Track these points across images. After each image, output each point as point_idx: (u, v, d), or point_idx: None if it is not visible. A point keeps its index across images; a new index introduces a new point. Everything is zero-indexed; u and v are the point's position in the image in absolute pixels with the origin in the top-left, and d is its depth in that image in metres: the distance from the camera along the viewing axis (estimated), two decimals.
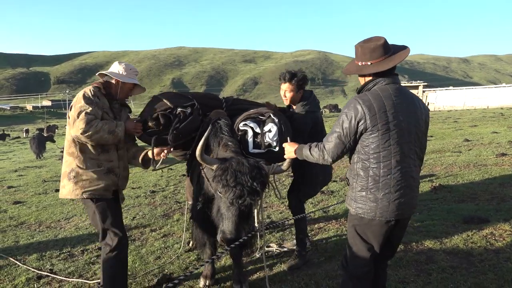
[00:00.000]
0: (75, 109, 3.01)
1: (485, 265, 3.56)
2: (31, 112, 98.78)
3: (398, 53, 2.46)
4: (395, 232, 2.59)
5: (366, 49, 2.46)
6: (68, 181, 3.10)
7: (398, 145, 2.36)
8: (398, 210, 2.41)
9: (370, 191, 2.42)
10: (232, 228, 2.75)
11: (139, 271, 4.02)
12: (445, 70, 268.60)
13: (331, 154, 2.49)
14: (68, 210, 7.00)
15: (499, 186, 6.16)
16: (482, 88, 56.44)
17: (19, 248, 5.02)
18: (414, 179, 2.46)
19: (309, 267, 3.84)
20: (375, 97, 2.36)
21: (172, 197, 7.37)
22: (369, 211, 2.44)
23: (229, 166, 2.81)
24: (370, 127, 2.34)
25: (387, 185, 2.38)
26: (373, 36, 2.52)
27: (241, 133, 3.44)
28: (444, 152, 10.16)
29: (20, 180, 11.30)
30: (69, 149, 3.12)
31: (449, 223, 4.69)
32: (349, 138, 2.42)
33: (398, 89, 2.43)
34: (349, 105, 2.43)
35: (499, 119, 19.79)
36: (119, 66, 3.34)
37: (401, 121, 2.36)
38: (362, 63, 2.50)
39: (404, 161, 2.39)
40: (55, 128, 41.48)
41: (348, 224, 2.67)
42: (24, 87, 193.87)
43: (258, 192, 2.78)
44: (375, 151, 2.37)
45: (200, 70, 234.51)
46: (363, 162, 2.44)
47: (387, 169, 2.37)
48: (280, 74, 3.89)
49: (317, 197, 6.29)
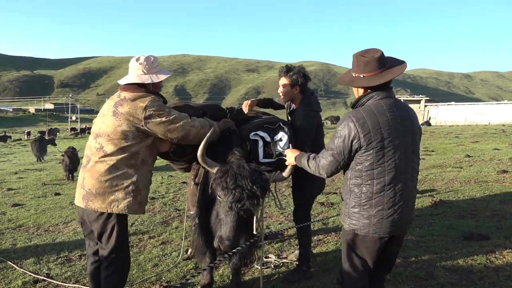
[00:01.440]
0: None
1: (485, 282, 3.53)
2: (34, 114, 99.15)
3: (393, 68, 2.43)
4: (391, 248, 2.57)
5: (361, 61, 2.44)
6: (125, 195, 2.91)
7: (393, 162, 2.35)
8: (392, 227, 2.40)
9: (363, 207, 2.42)
10: (229, 233, 2.72)
11: (136, 278, 4.00)
12: (447, 85, 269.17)
13: (326, 171, 2.52)
14: (67, 214, 6.98)
15: (500, 203, 6.13)
16: (484, 104, 56.64)
17: (17, 251, 5.00)
18: (409, 195, 2.45)
19: (307, 280, 3.81)
20: (369, 114, 2.35)
21: (172, 204, 7.35)
22: (362, 227, 2.43)
23: (230, 169, 2.81)
24: (365, 146, 2.33)
25: (380, 202, 2.37)
26: (371, 48, 2.49)
27: (252, 144, 3.44)
28: (445, 167, 10.13)
29: (20, 183, 11.29)
30: (131, 160, 2.94)
31: (449, 239, 4.66)
32: (343, 156, 2.43)
33: (393, 104, 2.41)
34: (342, 122, 2.42)
35: (501, 136, 19.76)
36: (139, 66, 3.07)
37: (396, 137, 2.35)
38: (355, 74, 2.49)
39: (398, 178, 2.37)
40: (56, 131, 41.63)
41: (342, 239, 2.66)
42: (28, 89, 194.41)
43: (257, 196, 2.75)
44: (369, 168, 2.37)
45: (203, 78, 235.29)
46: (356, 179, 2.44)
47: (380, 186, 2.36)
48: (279, 68, 3.83)
49: (316, 209, 6.27)
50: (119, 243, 2.97)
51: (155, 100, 2.97)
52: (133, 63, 3.10)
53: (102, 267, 3.02)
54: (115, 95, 3.11)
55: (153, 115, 2.92)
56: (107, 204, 2.89)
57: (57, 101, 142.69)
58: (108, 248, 2.97)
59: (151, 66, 3.10)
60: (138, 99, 2.94)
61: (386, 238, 2.46)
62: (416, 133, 2.48)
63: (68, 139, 39.45)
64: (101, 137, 2.96)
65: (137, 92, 2.99)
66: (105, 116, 3.02)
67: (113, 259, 2.98)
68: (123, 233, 3.02)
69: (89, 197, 2.91)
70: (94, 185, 2.90)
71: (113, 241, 2.95)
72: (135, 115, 2.90)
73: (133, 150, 2.95)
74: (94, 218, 2.96)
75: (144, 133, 2.98)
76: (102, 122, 3.02)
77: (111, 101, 3.08)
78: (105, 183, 2.89)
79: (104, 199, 2.89)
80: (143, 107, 2.90)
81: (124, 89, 3.06)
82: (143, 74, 3.06)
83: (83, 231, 3.22)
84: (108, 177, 2.89)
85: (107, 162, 2.91)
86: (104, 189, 2.89)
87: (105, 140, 2.94)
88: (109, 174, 2.89)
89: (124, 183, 2.92)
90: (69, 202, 8.08)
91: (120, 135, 2.91)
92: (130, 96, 2.97)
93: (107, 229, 2.95)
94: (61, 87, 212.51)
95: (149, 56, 3.13)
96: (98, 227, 2.96)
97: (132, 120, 2.91)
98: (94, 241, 3.11)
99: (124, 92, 3.03)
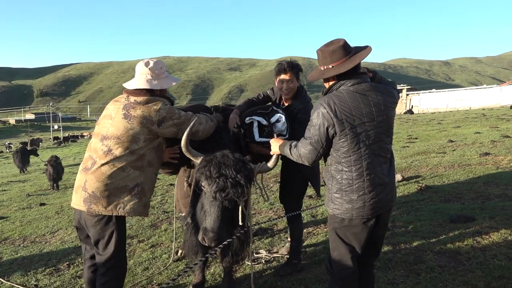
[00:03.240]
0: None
1: (473, 263, 3.60)
2: (14, 126, 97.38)
3: (359, 52, 2.47)
4: (376, 231, 2.61)
5: (326, 53, 2.47)
6: (130, 196, 2.88)
7: (368, 147, 2.39)
8: (374, 209, 2.45)
9: (344, 193, 2.46)
10: (213, 224, 2.69)
11: (127, 283, 3.94)
12: (427, 73, 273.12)
13: (307, 159, 2.55)
14: (53, 223, 6.86)
15: (484, 185, 6.25)
16: (464, 90, 57.52)
17: (3, 264, 4.90)
18: (387, 176, 2.49)
19: (299, 272, 3.82)
20: (340, 100, 2.37)
21: (160, 207, 7.29)
22: (345, 211, 2.48)
23: (213, 158, 2.81)
24: (339, 132, 2.37)
25: (361, 187, 2.42)
26: (334, 39, 2.52)
27: (246, 127, 3.46)
28: (429, 154, 10.28)
29: (3, 195, 11.07)
30: (138, 162, 2.93)
31: (436, 223, 4.72)
32: (321, 144, 2.45)
33: (365, 89, 2.43)
34: (315, 111, 2.44)
35: (481, 120, 20.15)
36: (148, 71, 3.06)
37: (368, 122, 2.38)
38: (324, 67, 2.51)
39: (374, 162, 2.42)
40: (39, 141, 40.92)
41: (329, 228, 2.69)
42: (7, 100, 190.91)
43: (241, 185, 2.73)
44: (346, 155, 2.40)
45: (185, 79, 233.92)
46: (336, 165, 2.48)
47: (359, 173, 2.40)
48: (277, 65, 3.68)
49: (305, 202, 6.29)
50: (117, 250, 2.90)
51: (165, 103, 3.03)
52: (142, 68, 3.09)
53: (99, 274, 2.94)
54: (122, 98, 3.07)
55: (166, 118, 2.97)
56: (112, 206, 2.83)
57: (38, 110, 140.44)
58: (105, 255, 2.90)
59: (160, 71, 3.12)
60: (150, 103, 2.97)
61: (373, 221, 2.50)
62: (390, 113, 2.47)
63: (51, 149, 38.78)
64: (109, 140, 2.90)
65: (147, 96, 3.02)
66: (113, 118, 2.96)
67: (110, 266, 2.91)
68: (121, 239, 2.96)
69: (92, 199, 2.83)
70: (99, 187, 2.83)
71: (111, 248, 2.89)
72: (149, 118, 2.92)
73: (141, 153, 2.95)
74: (92, 224, 2.88)
75: (154, 135, 3.00)
76: (110, 125, 2.95)
77: (117, 104, 3.04)
78: (111, 185, 2.84)
79: (109, 202, 2.83)
80: (157, 109, 2.94)
81: (133, 93, 3.05)
82: (152, 79, 3.07)
83: (78, 235, 3.15)
84: (114, 180, 2.85)
85: (115, 164, 2.86)
86: (110, 192, 2.83)
87: (115, 143, 2.88)
88: (116, 176, 2.85)
89: (130, 184, 2.89)
90: (55, 211, 7.95)
91: (131, 138, 2.89)
92: (142, 99, 2.98)
93: (105, 235, 2.89)
94: (41, 96, 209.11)
95: (158, 61, 3.16)
96: (96, 233, 2.89)
97: (146, 123, 2.92)
98: (90, 245, 3.04)
99: (133, 96, 3.02)
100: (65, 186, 11.98)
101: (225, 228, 2.80)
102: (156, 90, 3.10)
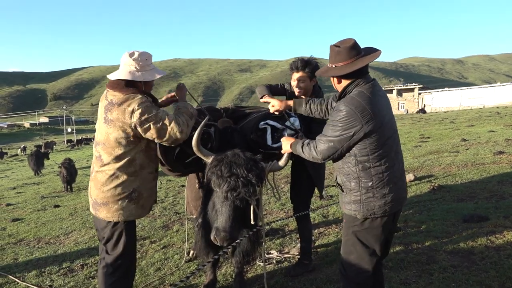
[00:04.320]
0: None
1: (487, 263, 3.54)
2: (29, 129, 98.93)
3: (365, 57, 2.44)
4: (391, 229, 2.62)
5: (333, 52, 2.47)
6: (129, 202, 2.88)
7: (391, 140, 2.45)
8: (400, 202, 2.51)
9: (376, 190, 2.43)
10: (225, 224, 2.67)
11: (139, 284, 3.98)
12: (440, 72, 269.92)
13: (322, 155, 2.51)
14: (67, 225, 6.96)
15: (498, 184, 6.16)
16: (477, 88, 56.69)
17: (18, 265, 4.98)
18: (403, 173, 2.59)
19: (310, 273, 3.81)
20: (365, 100, 2.35)
21: (171, 208, 7.33)
22: (378, 209, 2.43)
23: (224, 157, 2.80)
24: (368, 132, 2.34)
25: (391, 180, 2.44)
26: (346, 38, 2.50)
27: (260, 133, 3.42)
28: (442, 153, 10.16)
29: (18, 198, 11.26)
30: (129, 168, 2.86)
31: (449, 222, 4.67)
32: (343, 143, 2.42)
33: (379, 89, 2.48)
34: (340, 112, 2.37)
35: (495, 118, 19.83)
36: (133, 62, 2.85)
37: (389, 118, 2.46)
38: (330, 65, 2.53)
39: (398, 153, 2.53)
40: (53, 144, 41.51)
41: (347, 232, 2.61)
42: (21, 104, 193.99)
43: (253, 184, 2.72)
44: (375, 150, 2.39)
45: (196, 81, 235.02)
46: (363, 164, 2.43)
47: (389, 164, 2.42)
48: (292, 62, 3.65)
49: (316, 202, 6.28)
50: (125, 250, 2.94)
51: (142, 102, 2.77)
52: (126, 58, 2.88)
53: (107, 273, 2.95)
54: (103, 96, 2.95)
55: (142, 120, 2.75)
56: (112, 213, 2.87)
57: (52, 114, 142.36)
58: (113, 255, 2.93)
59: (145, 63, 2.89)
60: (124, 103, 2.76)
61: (391, 218, 2.51)
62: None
63: (65, 151, 39.33)
64: (99, 146, 2.90)
65: (124, 94, 2.80)
66: (99, 121, 2.94)
67: (118, 266, 2.94)
68: (130, 240, 2.98)
69: (96, 206, 2.91)
70: (98, 195, 2.89)
71: (120, 248, 2.93)
72: (124, 120, 2.76)
73: (129, 158, 2.85)
74: (102, 226, 2.96)
75: (137, 137, 2.85)
76: (98, 129, 2.95)
77: (102, 104, 2.95)
78: (107, 193, 2.85)
79: (109, 209, 2.86)
80: (130, 111, 2.74)
81: (112, 87, 2.86)
82: (136, 71, 2.86)
83: (98, 236, 3.19)
84: (109, 187, 2.85)
85: (106, 171, 2.85)
86: (107, 199, 2.86)
87: (102, 148, 2.87)
88: (110, 184, 2.85)
89: (126, 191, 2.87)
90: (68, 213, 8.06)
91: (113, 143, 2.82)
92: (117, 99, 2.79)
93: (114, 236, 2.93)
94: (54, 100, 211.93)
95: (144, 52, 2.92)
96: (105, 234, 2.95)
97: (122, 126, 2.78)
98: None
99: (111, 93, 2.85)
100: (78, 188, 12.13)
101: (237, 228, 2.79)
102: (140, 84, 2.90)
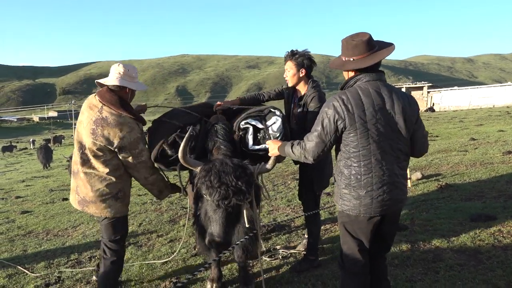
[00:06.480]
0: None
1: (493, 262, 3.53)
2: (38, 123, 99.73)
3: (381, 50, 2.46)
4: (384, 228, 2.60)
5: (350, 45, 2.48)
6: (115, 201, 3.21)
7: (377, 144, 2.37)
8: (381, 207, 2.43)
9: (353, 189, 2.46)
10: (219, 231, 2.70)
11: (146, 276, 4.03)
12: (449, 71, 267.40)
13: (312, 154, 2.51)
14: (75, 218, 7.03)
15: (506, 184, 6.11)
16: (487, 87, 56.06)
17: (27, 256, 5.05)
18: (397, 175, 2.45)
19: (315, 269, 3.82)
20: (353, 96, 2.38)
21: (178, 203, 7.38)
22: (353, 208, 2.48)
23: (213, 167, 2.77)
24: (348, 126, 2.36)
25: (369, 183, 2.40)
26: (360, 32, 2.52)
27: (242, 132, 3.44)
28: (450, 152, 10.10)
29: (27, 190, 11.39)
30: (116, 172, 3.19)
31: (456, 221, 4.65)
32: (329, 136, 2.44)
33: (380, 86, 2.43)
34: (328, 103, 2.45)
35: (505, 118, 19.66)
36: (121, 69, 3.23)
37: (380, 119, 2.35)
38: (345, 58, 2.52)
39: (384, 159, 2.39)
40: (61, 138, 41.80)
41: (338, 222, 2.71)
42: (31, 98, 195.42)
43: (243, 191, 2.72)
44: (355, 150, 2.40)
45: (204, 77, 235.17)
46: (345, 161, 2.48)
47: (367, 168, 2.39)
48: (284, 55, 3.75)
49: (323, 199, 6.28)
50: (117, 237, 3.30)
51: (133, 132, 3.13)
52: (119, 68, 3.24)
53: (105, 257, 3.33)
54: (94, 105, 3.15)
55: (126, 148, 3.12)
56: (101, 210, 3.19)
57: (60, 108, 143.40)
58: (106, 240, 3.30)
59: (134, 76, 3.31)
60: (118, 127, 3.06)
61: (378, 218, 2.49)
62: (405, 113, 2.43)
63: (73, 145, 39.62)
64: (86, 150, 3.15)
65: (119, 111, 3.09)
66: (85, 128, 3.14)
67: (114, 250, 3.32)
68: (120, 228, 3.32)
69: (85, 203, 3.21)
70: (87, 193, 3.17)
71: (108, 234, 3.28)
72: (111, 142, 3.07)
73: (114, 163, 3.18)
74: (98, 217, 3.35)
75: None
76: (83, 135, 3.16)
77: (91, 113, 3.12)
78: (96, 192, 3.15)
79: (98, 206, 3.18)
80: (121, 137, 3.07)
81: (108, 101, 3.10)
82: (127, 82, 3.23)
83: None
84: (98, 188, 3.15)
85: (94, 174, 3.16)
86: (96, 198, 3.16)
87: (89, 153, 3.14)
88: (99, 185, 3.15)
89: (114, 191, 3.20)
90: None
91: (99, 151, 3.11)
92: (113, 121, 3.05)
93: (104, 223, 3.29)
94: (63, 94, 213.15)
95: (134, 66, 3.35)
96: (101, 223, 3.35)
97: (107, 144, 3.07)
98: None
99: (107, 110, 3.09)
100: None
101: (231, 231, 2.83)
102: (127, 90, 3.24)
